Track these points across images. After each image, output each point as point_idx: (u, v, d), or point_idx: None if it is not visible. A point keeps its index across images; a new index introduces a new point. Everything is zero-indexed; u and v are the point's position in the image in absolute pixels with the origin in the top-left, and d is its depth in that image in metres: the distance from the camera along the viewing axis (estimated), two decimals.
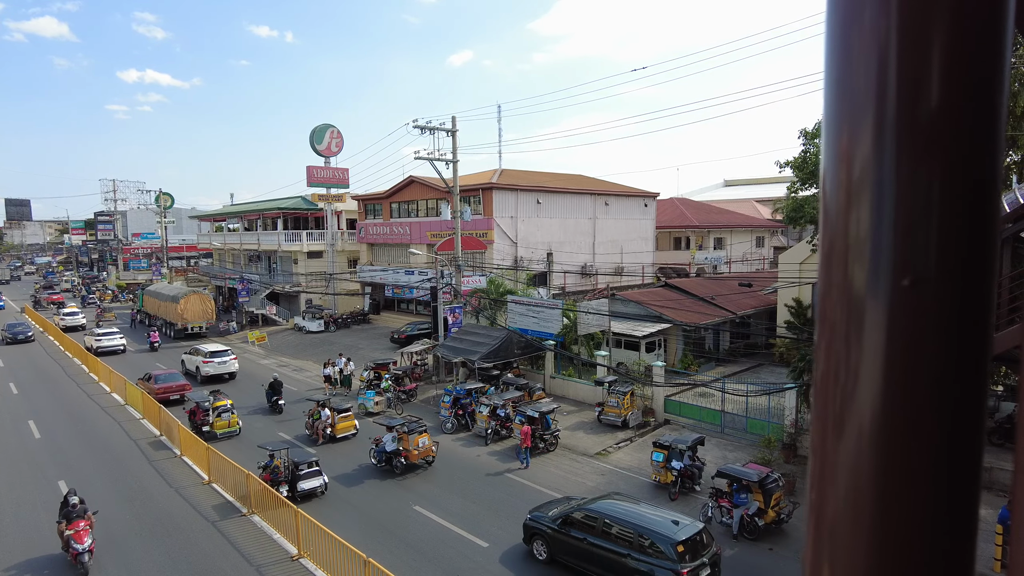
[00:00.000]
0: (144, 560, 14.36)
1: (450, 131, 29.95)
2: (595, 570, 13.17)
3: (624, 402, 23.36)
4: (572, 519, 13.71)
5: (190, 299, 47.66)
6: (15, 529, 16.12)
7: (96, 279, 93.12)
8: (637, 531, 12.74)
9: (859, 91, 0.68)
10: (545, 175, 50.86)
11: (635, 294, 34.05)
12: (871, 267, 0.69)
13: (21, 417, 26.32)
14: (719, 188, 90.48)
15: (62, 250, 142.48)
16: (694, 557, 12.25)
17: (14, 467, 20.62)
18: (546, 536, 13.98)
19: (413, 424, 20.07)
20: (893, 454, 0.70)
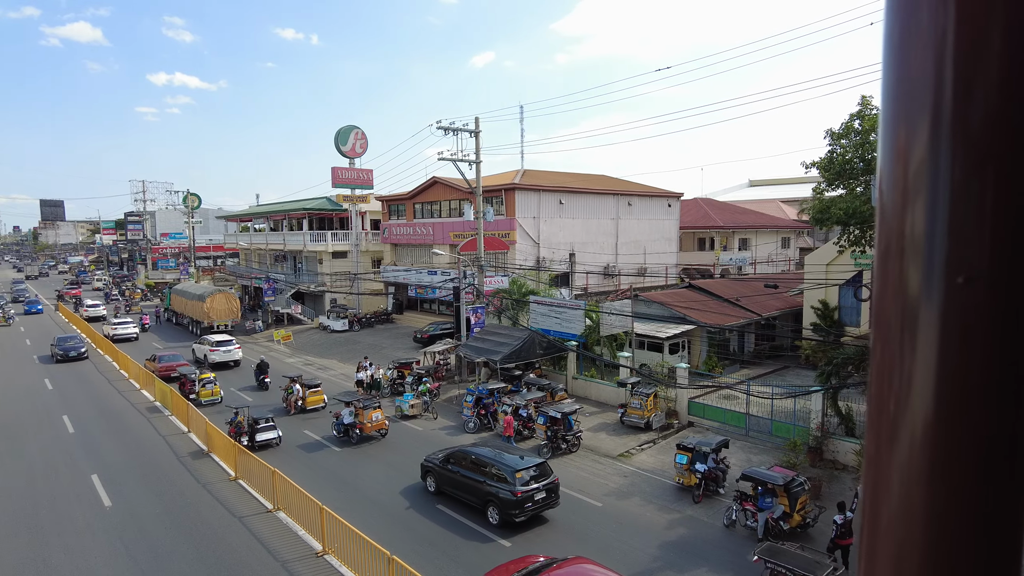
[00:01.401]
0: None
1: (473, 132, 30.03)
2: (464, 495, 16.88)
3: (647, 404, 23.23)
4: (450, 457, 17.72)
5: (216, 298, 48.42)
6: (51, 519, 16.55)
7: (126, 278, 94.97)
8: (491, 464, 16.59)
9: (916, 89, 0.69)
10: (567, 175, 50.77)
11: (658, 295, 33.85)
12: (926, 265, 0.69)
13: (56, 411, 27.09)
14: (744, 188, 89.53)
15: (93, 250, 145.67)
16: (529, 483, 15.78)
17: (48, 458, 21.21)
18: (434, 471, 17.93)
19: (367, 401, 23.19)
20: (948, 458, 0.70)
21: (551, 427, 21.13)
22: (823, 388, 20.00)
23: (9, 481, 19.46)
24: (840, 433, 20.02)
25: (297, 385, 27.01)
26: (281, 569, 13.87)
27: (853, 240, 22.37)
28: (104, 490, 18.62)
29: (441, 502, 17.43)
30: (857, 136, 21.70)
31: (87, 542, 15.41)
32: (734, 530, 15.62)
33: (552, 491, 16.37)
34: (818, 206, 22.60)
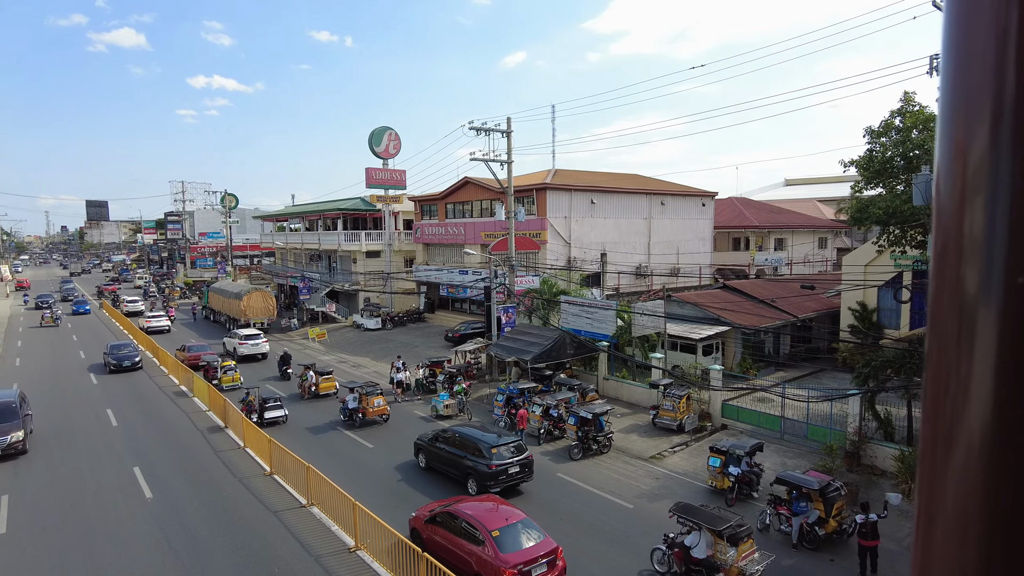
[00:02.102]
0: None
1: (505, 132, 30.07)
2: (449, 469, 18.88)
3: (680, 406, 23.00)
4: (438, 436, 19.80)
5: (253, 296, 49.40)
6: (97, 513, 17.08)
7: (165, 276, 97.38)
8: (471, 441, 18.45)
9: (976, 85, 0.67)
10: (599, 175, 50.51)
11: (692, 296, 33.46)
12: (985, 265, 0.67)
13: (101, 404, 27.95)
14: (779, 187, 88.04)
15: (135, 249, 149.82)
16: (504, 459, 17.77)
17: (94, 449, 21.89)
18: (425, 449, 19.95)
19: (371, 388, 25.29)
20: (1007, 464, 0.68)
21: (582, 428, 21.05)
22: (861, 391, 19.54)
23: (58, 472, 20.14)
24: (879, 438, 19.55)
25: (311, 372, 29.47)
26: (315, 564, 14.07)
27: (893, 240, 21.79)
28: (145, 482, 19.14)
29: (430, 476, 19.52)
30: (898, 133, 21.14)
31: (130, 532, 15.87)
32: (768, 534, 15.37)
33: (526, 466, 18.26)
34: (856, 205, 22.05)
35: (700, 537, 13.28)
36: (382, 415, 25.02)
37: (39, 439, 22.96)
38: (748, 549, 13.15)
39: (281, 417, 25.15)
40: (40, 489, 18.75)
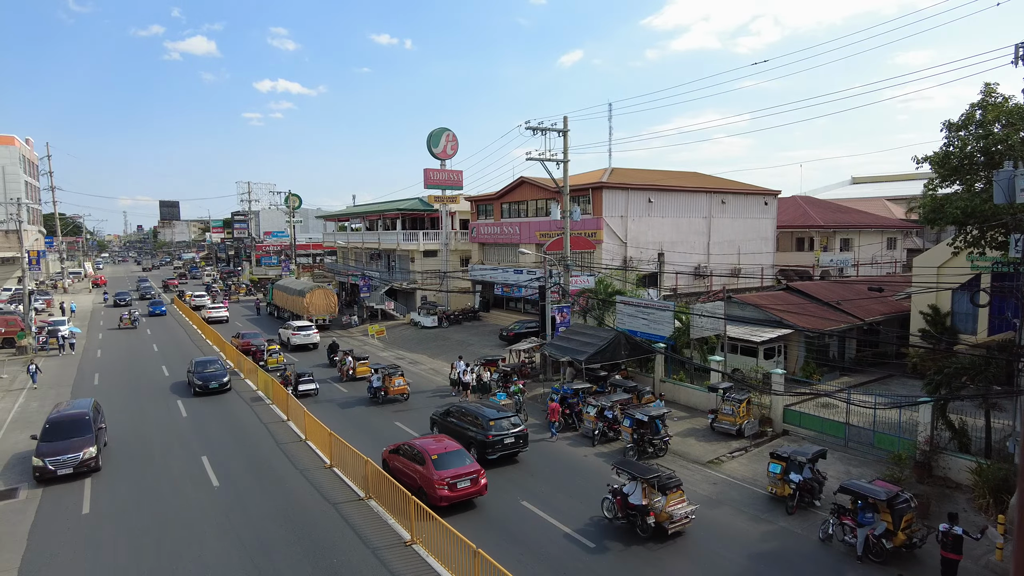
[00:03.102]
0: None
1: (561, 131, 30.01)
2: (458, 439, 19.98)
3: (740, 410, 22.47)
4: (448, 411, 22.52)
5: (315, 293, 50.94)
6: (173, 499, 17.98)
7: (232, 274, 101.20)
8: (474, 415, 21.13)
9: None
10: (657, 173, 49.80)
11: (753, 297, 32.61)
12: None
13: (172, 397, 29.43)
14: (846, 186, 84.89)
15: (204, 247, 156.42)
16: (502, 430, 20.33)
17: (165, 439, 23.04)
18: (438, 422, 22.76)
19: (391, 369, 28.98)
20: None
21: (637, 430, 20.83)
22: (932, 399, 18.65)
23: (134, 463, 21.28)
24: (952, 449, 18.61)
25: (349, 357, 33.39)
26: (371, 556, 14.40)
27: (971, 241, 20.65)
28: (213, 471, 20.00)
29: None
30: (979, 127, 20.01)
31: (199, 518, 16.62)
32: (830, 545, 14.87)
33: (521, 438, 20.73)
34: (930, 204, 21.00)
35: (636, 486, 15.59)
36: (402, 394, 28.64)
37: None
38: (677, 498, 15.51)
39: (313, 390, 29.68)
40: (119, 475, 19.85)
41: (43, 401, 29.18)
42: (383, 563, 14.05)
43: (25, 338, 41.56)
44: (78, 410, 21.31)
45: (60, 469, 18.90)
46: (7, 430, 24.78)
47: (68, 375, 34.83)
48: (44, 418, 26.12)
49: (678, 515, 15.28)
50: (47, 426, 20.16)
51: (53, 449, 19.16)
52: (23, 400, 29.26)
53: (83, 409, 21.38)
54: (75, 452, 19.21)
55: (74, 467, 19.06)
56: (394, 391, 28.46)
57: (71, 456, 19.09)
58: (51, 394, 30.48)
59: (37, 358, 36.35)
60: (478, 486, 17.10)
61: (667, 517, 15.21)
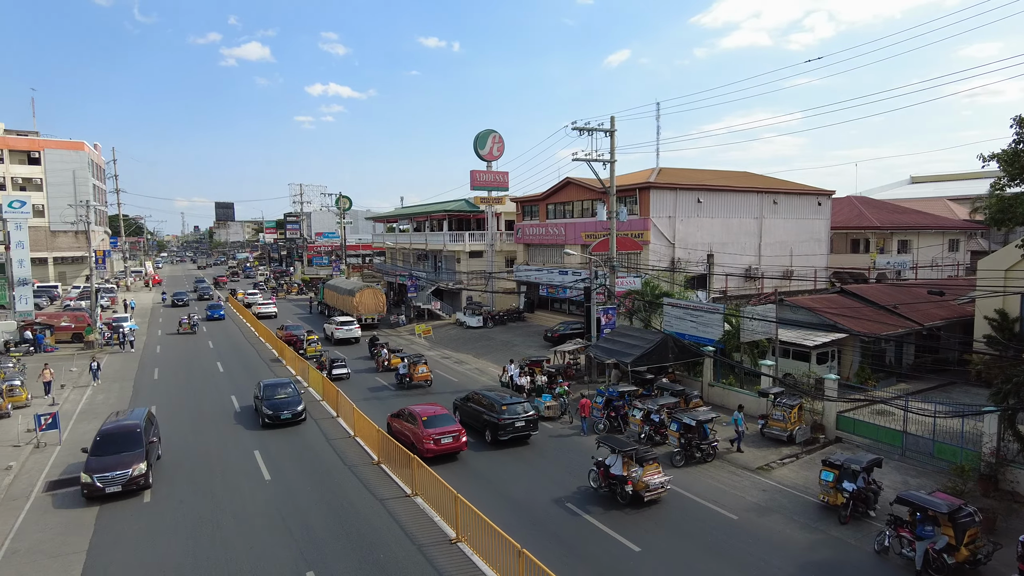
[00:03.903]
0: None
1: (608, 131, 29.82)
2: (473, 422, 23.66)
3: (791, 416, 21.91)
4: (468, 397, 24.97)
5: (365, 293, 51.91)
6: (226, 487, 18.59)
7: (284, 273, 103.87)
8: (489, 400, 23.35)
9: None
10: (706, 173, 48.99)
11: (806, 300, 31.74)
12: None
13: (226, 392, 30.38)
14: (904, 185, 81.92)
15: (257, 247, 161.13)
16: (513, 414, 22.47)
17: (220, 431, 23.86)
18: (459, 407, 24.96)
19: (416, 358, 32.02)
20: None
21: (685, 434, 20.53)
22: (999, 409, 17.80)
23: (191, 454, 22.09)
24: (1021, 461, 17.74)
25: (385, 350, 36.21)
26: (417, 552, 14.58)
27: None
28: (264, 465, 20.58)
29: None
30: None
31: (251, 510, 17.13)
32: (887, 558, 14.35)
33: (531, 423, 22.75)
34: (997, 204, 20.08)
35: (617, 459, 17.59)
36: (426, 380, 31.52)
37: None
38: (653, 469, 17.39)
39: (344, 374, 33.21)
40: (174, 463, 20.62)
41: (108, 394, 30.60)
42: (429, 560, 14.21)
43: (92, 333, 43.56)
44: (131, 422, 20.14)
45: (108, 487, 17.74)
46: (76, 420, 26.07)
47: (130, 370, 36.37)
48: (107, 413, 27.38)
49: (654, 484, 17.16)
50: (98, 438, 19.13)
51: (102, 464, 18.02)
52: (90, 392, 30.68)
53: (135, 421, 20.19)
54: (124, 469, 18.00)
55: (123, 484, 17.87)
56: (418, 377, 31.41)
57: (120, 473, 17.92)
58: (115, 387, 31.91)
59: (99, 355, 37.98)
60: (459, 442, 21.16)
61: (644, 486, 17.06)
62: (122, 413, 22.06)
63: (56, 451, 22.20)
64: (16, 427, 24.44)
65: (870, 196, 67.64)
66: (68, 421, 25.58)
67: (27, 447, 22.53)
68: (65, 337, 44.11)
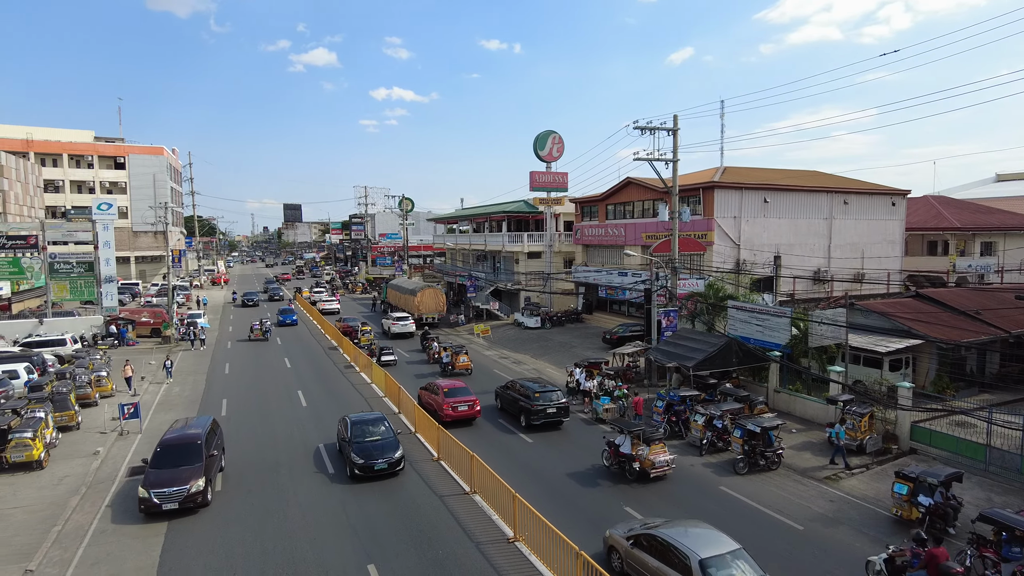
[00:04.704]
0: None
1: (671, 130, 29.34)
2: (511, 408, 26.06)
3: (861, 424, 21.04)
4: (507, 385, 27.16)
5: (425, 293, 52.81)
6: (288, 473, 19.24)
7: (349, 273, 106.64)
8: (525, 388, 25.53)
9: None
10: (773, 172, 47.57)
11: (879, 304, 30.39)
12: None
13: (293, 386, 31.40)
14: (989, 184, 77.32)
15: (324, 247, 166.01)
16: (546, 401, 24.55)
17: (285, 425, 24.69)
18: (500, 395, 27.40)
19: (458, 348, 35.55)
20: None
21: (748, 441, 20.00)
22: None
23: (261, 447, 22.94)
24: None
25: (436, 344, 38.96)
26: (475, 550, 14.71)
27: None
28: (328, 460, 21.18)
29: (501, 415, 26.84)
30: None
31: (315, 502, 17.66)
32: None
33: (562, 410, 24.74)
34: None
35: (626, 439, 19.34)
36: (466, 368, 34.56)
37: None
38: (659, 449, 19.11)
39: (392, 360, 36.78)
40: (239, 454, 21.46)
41: (183, 386, 32.13)
42: (487, 558, 14.31)
43: (168, 329, 45.82)
44: (193, 431, 19.04)
45: (165, 503, 16.57)
46: (154, 411, 27.49)
47: (202, 365, 38.08)
48: (182, 405, 28.73)
49: (659, 462, 18.95)
50: (158, 449, 18.11)
51: (159, 479, 16.86)
52: (167, 385, 32.27)
53: (197, 431, 19.03)
54: (182, 484, 16.75)
55: (179, 502, 16.64)
56: (459, 366, 34.45)
57: (177, 489, 16.68)
58: (189, 380, 33.50)
59: (173, 353, 39.84)
60: (473, 410, 25.28)
61: (650, 464, 18.87)
62: (185, 420, 21.09)
63: (137, 439, 23.46)
64: (103, 415, 26.02)
65: (950, 195, 64.19)
66: (147, 411, 26.96)
67: (112, 434, 23.92)
68: (145, 332, 46.59)
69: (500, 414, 26.75)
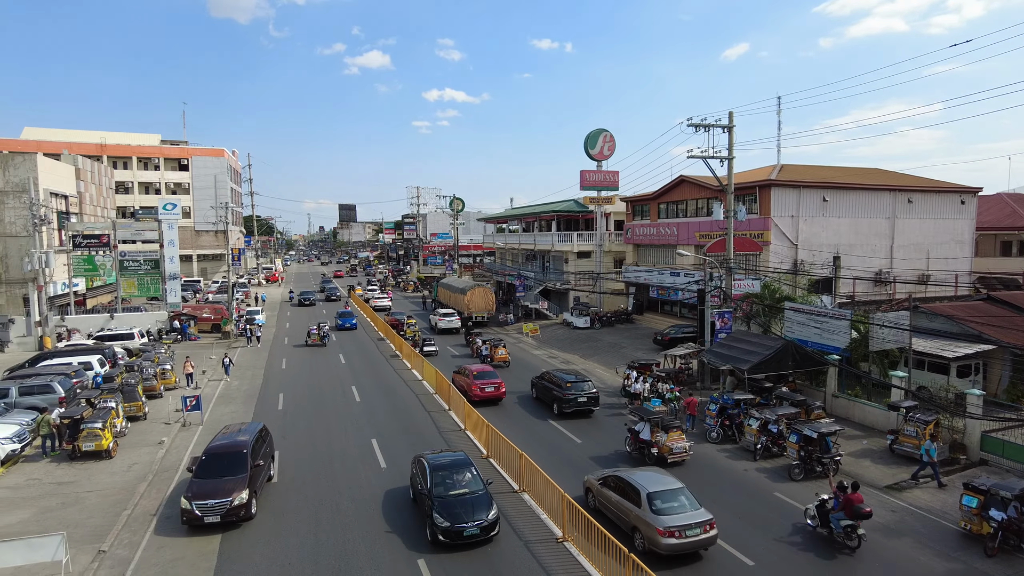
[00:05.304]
0: None
1: (726, 127, 28.75)
2: (545, 396, 27.71)
3: (925, 432, 20.14)
4: (542, 375, 28.82)
5: (475, 292, 53.20)
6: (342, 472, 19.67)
7: (401, 272, 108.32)
8: (557, 378, 27.29)
9: None
10: (832, 170, 46.05)
11: (945, 307, 29.08)
12: None
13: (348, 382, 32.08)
14: None
15: (377, 247, 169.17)
16: (577, 391, 26.24)
17: (341, 425, 25.24)
18: (535, 384, 29.05)
19: (496, 341, 38.34)
20: None
21: (805, 447, 19.42)
22: None
23: (314, 439, 23.56)
24: None
25: (479, 340, 40.59)
26: (523, 549, 14.73)
27: None
28: (381, 453, 21.57)
29: (536, 403, 28.53)
30: None
31: (367, 495, 18.00)
32: None
33: (592, 399, 26.37)
34: None
35: (646, 426, 20.65)
36: (504, 361, 36.43)
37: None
38: (677, 436, 20.26)
39: (433, 351, 40.09)
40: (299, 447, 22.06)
41: (241, 380, 33.28)
42: (535, 557, 14.32)
43: (228, 324, 47.47)
44: (240, 439, 18.00)
45: (207, 516, 15.68)
46: (215, 404, 28.53)
47: (260, 360, 39.29)
48: (241, 398, 29.67)
49: (676, 448, 20.11)
50: (203, 457, 17.23)
51: (202, 490, 16.01)
52: (227, 380, 33.43)
53: (244, 439, 17.96)
54: (224, 497, 15.83)
55: (221, 515, 15.72)
56: (498, 358, 36.43)
57: (219, 502, 15.77)
58: (248, 375, 34.65)
59: (231, 350, 41.15)
60: (499, 391, 28.17)
61: (668, 450, 20.06)
62: (237, 427, 19.86)
63: (199, 430, 24.38)
64: (167, 407, 27.15)
65: None
66: (208, 404, 27.98)
67: (175, 425, 24.94)
68: (206, 327, 48.42)
69: (535, 403, 28.52)
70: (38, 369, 29.57)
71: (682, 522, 14.13)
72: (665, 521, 14.13)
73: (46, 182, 45.44)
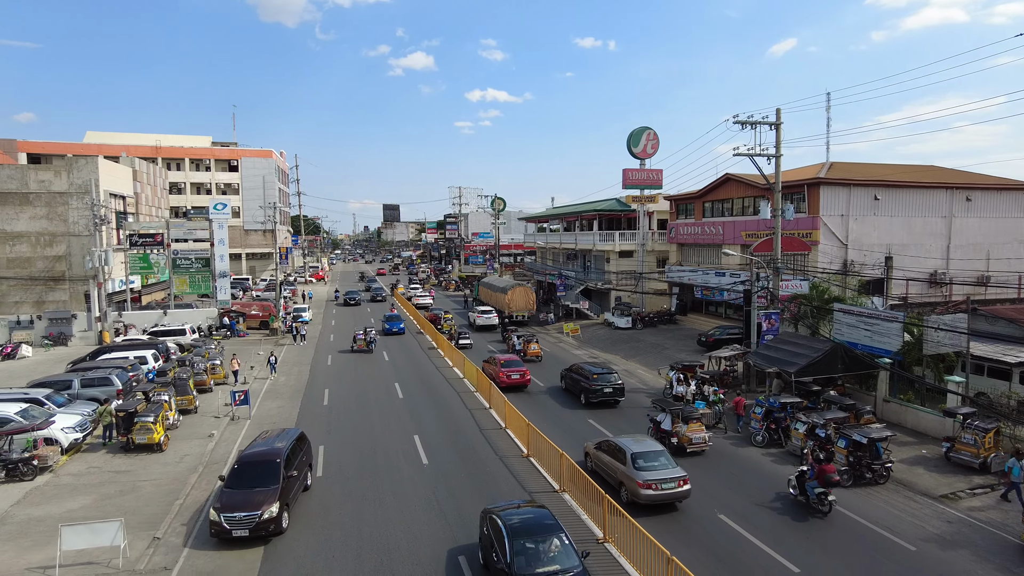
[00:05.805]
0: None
1: (773, 124, 28.14)
2: (573, 387, 29.21)
3: (985, 440, 19.35)
4: (571, 368, 30.33)
5: (516, 291, 53.30)
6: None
7: (443, 270, 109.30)
8: (584, 370, 28.91)
9: None
10: (884, 167, 44.62)
11: (1008, 310, 27.87)
12: None
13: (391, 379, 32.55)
14: None
15: (420, 246, 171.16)
16: (604, 382, 27.74)
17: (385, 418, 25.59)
18: (564, 376, 30.61)
19: (529, 336, 39.76)
20: None
21: (854, 452, 18.88)
22: None
23: (358, 435, 23.96)
24: None
25: (514, 337, 41.05)
26: None
27: None
28: (423, 450, 21.80)
29: (565, 393, 30.14)
30: None
31: (409, 491, 18.23)
32: None
33: (618, 391, 27.80)
34: None
35: (667, 417, 21.87)
36: (536, 356, 38.09)
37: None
38: (696, 427, 21.35)
39: (468, 344, 42.53)
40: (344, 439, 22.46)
41: (288, 376, 34.06)
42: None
43: (276, 321, 48.65)
44: (274, 448, 17.24)
45: (235, 529, 14.93)
46: (262, 399, 29.26)
47: (306, 357, 40.14)
48: (288, 393, 30.32)
49: (696, 439, 21.22)
50: (236, 466, 16.65)
51: (231, 501, 15.29)
52: (274, 375, 34.26)
53: (279, 447, 17.22)
54: (254, 510, 15.05)
55: (250, 529, 14.95)
56: (530, 353, 38.07)
57: (247, 515, 14.98)
58: (294, 371, 35.45)
59: (277, 347, 42.04)
60: (524, 379, 30.56)
61: (687, 440, 21.18)
62: (276, 432, 19.24)
63: (247, 424, 25.05)
64: (216, 401, 27.99)
65: None
66: (256, 398, 28.72)
67: (224, 419, 25.68)
68: (254, 324, 49.70)
69: (564, 393, 30.09)
70: (98, 363, 30.91)
71: (659, 477, 16.75)
72: (644, 476, 16.85)
73: (106, 184, 47.39)
